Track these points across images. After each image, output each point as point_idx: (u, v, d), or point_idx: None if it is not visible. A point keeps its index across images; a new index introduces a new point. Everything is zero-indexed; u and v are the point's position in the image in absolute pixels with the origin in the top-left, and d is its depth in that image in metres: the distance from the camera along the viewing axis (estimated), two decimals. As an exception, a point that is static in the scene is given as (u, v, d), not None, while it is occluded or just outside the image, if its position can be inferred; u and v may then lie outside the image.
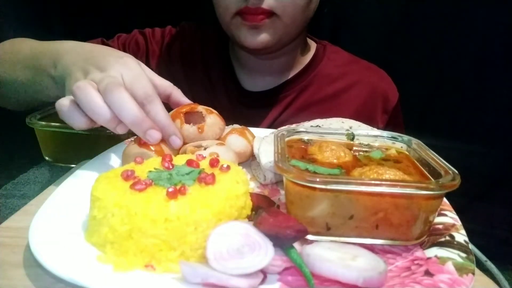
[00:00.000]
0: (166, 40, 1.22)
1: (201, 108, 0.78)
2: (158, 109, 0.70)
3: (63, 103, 0.66)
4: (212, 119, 0.76)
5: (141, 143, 0.68)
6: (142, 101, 0.68)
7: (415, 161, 0.64)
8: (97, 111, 0.64)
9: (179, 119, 0.75)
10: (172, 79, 1.19)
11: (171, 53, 1.21)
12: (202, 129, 0.75)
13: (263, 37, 0.99)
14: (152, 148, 0.68)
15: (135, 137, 0.71)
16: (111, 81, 0.65)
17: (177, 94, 0.81)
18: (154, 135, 0.67)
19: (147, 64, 1.19)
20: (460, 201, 0.68)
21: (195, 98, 1.17)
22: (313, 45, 1.24)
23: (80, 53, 0.77)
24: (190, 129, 0.74)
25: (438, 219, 0.58)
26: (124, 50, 1.20)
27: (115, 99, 0.64)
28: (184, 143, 0.73)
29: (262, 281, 0.46)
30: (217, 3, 1.02)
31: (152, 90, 0.70)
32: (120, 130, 0.67)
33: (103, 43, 1.16)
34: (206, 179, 0.53)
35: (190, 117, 0.77)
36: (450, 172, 0.53)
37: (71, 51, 0.79)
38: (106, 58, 0.73)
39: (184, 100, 0.81)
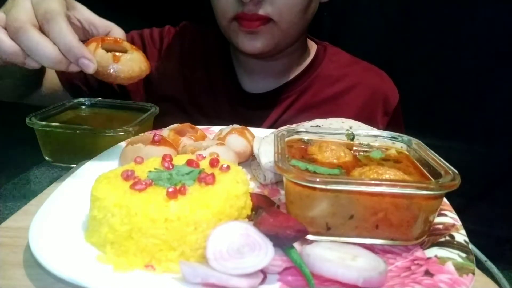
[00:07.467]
0: (166, 41, 1.22)
1: (127, 43, 0.71)
2: (60, 28, 0.60)
3: None
4: (134, 55, 0.70)
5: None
6: (41, 21, 0.61)
7: (415, 161, 0.64)
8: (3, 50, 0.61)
9: (95, 43, 0.68)
10: (170, 79, 1.19)
11: (171, 54, 1.21)
12: (118, 59, 0.68)
13: (260, 43, 0.99)
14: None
15: (133, 137, 0.71)
16: (13, 21, 0.60)
17: (116, 32, 0.74)
18: (89, 67, 0.62)
19: None
20: (460, 201, 0.68)
21: (195, 98, 1.18)
22: (313, 46, 1.23)
23: None
24: (104, 55, 0.66)
25: (438, 219, 0.58)
26: None
27: (23, 40, 0.60)
28: (97, 71, 0.65)
29: (262, 281, 0.46)
30: (215, 7, 1.01)
31: (56, 8, 0.62)
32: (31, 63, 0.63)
33: None
34: (206, 179, 0.53)
35: (113, 49, 0.70)
36: (450, 172, 0.53)
37: None
38: None
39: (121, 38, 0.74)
